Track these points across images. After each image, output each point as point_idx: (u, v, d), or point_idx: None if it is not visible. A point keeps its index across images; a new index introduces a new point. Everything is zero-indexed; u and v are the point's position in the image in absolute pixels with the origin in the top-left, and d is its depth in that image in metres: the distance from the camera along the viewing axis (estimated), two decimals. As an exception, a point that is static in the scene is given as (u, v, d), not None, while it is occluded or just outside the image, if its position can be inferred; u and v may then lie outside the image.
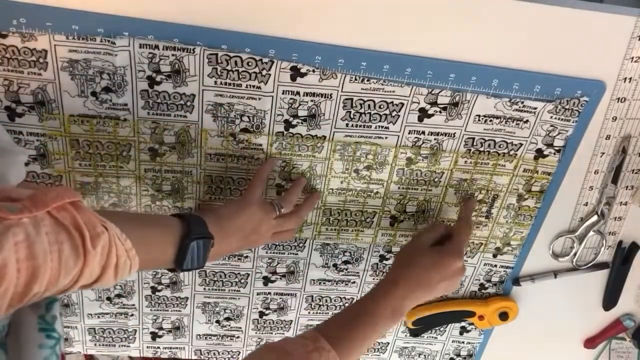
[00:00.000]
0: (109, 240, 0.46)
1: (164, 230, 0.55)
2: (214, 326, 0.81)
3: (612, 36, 0.61)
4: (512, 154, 0.68)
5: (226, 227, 0.61)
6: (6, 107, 0.60)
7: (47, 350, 0.49)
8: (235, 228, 0.62)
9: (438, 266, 0.64)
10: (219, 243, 0.60)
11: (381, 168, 0.69)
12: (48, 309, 0.52)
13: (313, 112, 0.63)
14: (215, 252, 0.60)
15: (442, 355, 0.87)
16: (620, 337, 0.87)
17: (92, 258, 0.44)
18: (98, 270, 0.46)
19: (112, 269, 0.47)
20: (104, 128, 0.62)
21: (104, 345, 0.81)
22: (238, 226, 0.62)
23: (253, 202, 0.63)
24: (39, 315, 0.51)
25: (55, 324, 0.51)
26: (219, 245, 0.60)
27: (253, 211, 0.62)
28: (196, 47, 0.58)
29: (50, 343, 0.49)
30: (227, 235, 0.61)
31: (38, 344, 0.49)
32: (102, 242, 0.45)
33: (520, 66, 0.62)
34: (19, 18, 0.55)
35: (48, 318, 0.51)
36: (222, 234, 0.60)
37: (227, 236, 0.61)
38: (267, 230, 0.64)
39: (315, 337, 0.55)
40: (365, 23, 0.59)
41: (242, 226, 0.62)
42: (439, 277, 0.64)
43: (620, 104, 0.65)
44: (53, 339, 0.50)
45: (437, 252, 0.66)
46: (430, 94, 0.63)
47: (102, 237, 0.45)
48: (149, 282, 0.75)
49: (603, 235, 0.75)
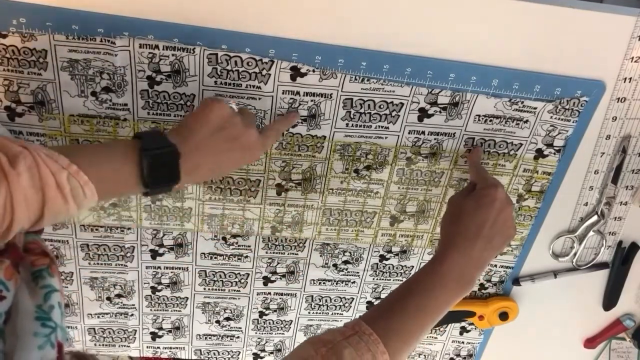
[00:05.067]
0: (33, 158, 0.43)
1: (114, 149, 0.50)
2: (214, 326, 0.81)
3: (612, 36, 0.61)
4: (512, 154, 0.68)
5: (192, 131, 0.53)
6: (6, 107, 0.60)
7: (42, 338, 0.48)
8: (203, 129, 0.53)
9: (482, 204, 0.58)
10: (191, 149, 0.52)
11: (381, 168, 0.69)
12: (46, 299, 0.52)
13: (313, 112, 0.63)
14: (192, 163, 0.53)
15: (442, 355, 0.87)
16: (620, 337, 0.87)
17: (15, 179, 0.42)
18: (35, 193, 0.43)
19: (55, 189, 0.44)
20: (104, 128, 0.62)
21: (104, 345, 0.81)
22: (205, 126, 0.53)
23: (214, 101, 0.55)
24: (36, 304, 0.51)
25: (51, 313, 0.51)
26: (195, 152, 0.53)
27: (215, 110, 0.54)
28: (196, 47, 0.58)
29: (45, 331, 0.49)
30: (196, 138, 0.53)
31: (33, 332, 0.48)
32: (24, 161, 0.42)
33: (520, 66, 0.62)
34: (19, 18, 0.55)
35: (45, 307, 0.51)
36: (191, 141, 0.53)
37: (198, 139, 0.53)
38: (242, 127, 0.55)
39: (355, 323, 0.52)
40: (365, 23, 0.59)
41: (209, 125, 0.54)
42: (491, 214, 0.58)
43: (620, 104, 0.65)
44: (48, 327, 0.50)
45: (473, 194, 0.61)
46: (430, 94, 0.63)
47: (22, 156, 0.42)
48: (149, 282, 0.75)
49: (603, 235, 0.75)
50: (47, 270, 0.54)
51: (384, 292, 0.80)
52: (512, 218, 0.61)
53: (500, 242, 0.60)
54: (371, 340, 0.50)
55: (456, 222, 0.60)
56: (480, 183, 0.62)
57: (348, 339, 0.50)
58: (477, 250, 0.58)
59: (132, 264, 0.73)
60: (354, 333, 0.51)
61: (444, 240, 0.61)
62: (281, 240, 0.74)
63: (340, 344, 0.50)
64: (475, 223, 0.58)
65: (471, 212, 0.59)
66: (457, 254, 0.57)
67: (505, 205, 0.60)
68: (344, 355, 0.49)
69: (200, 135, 0.53)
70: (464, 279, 0.57)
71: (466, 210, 0.60)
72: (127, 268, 0.74)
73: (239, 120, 0.55)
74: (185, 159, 0.52)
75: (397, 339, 0.53)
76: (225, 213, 0.71)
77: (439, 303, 0.56)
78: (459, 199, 0.62)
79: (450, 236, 0.59)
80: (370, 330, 0.51)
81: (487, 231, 0.58)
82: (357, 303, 0.81)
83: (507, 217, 0.60)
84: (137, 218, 0.70)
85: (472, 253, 0.57)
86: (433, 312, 0.55)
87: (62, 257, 0.72)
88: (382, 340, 0.51)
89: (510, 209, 0.60)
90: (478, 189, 0.61)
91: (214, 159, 0.55)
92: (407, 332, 0.54)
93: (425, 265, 0.59)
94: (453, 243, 0.58)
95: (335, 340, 0.50)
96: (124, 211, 0.69)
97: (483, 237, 0.58)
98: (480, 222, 0.58)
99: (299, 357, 0.50)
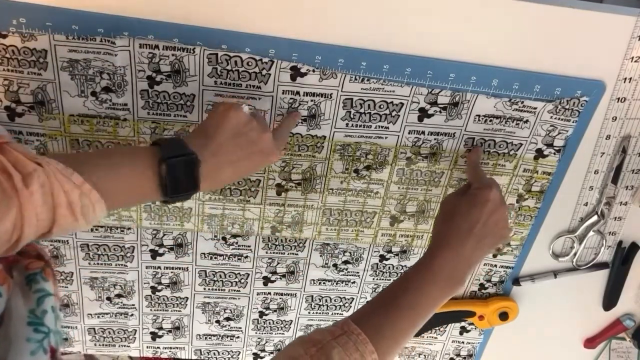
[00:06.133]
0: (47, 176, 0.43)
1: (135, 157, 0.50)
2: (214, 326, 0.81)
3: (612, 36, 0.61)
4: (512, 154, 0.68)
5: (211, 138, 0.53)
6: (6, 107, 0.60)
7: (35, 344, 0.48)
8: (222, 135, 0.53)
9: (475, 204, 0.59)
10: (211, 156, 0.53)
11: (381, 168, 0.69)
12: (39, 303, 0.52)
13: (313, 112, 0.63)
14: (212, 170, 0.53)
15: (442, 355, 0.87)
16: (620, 337, 0.87)
17: (27, 198, 0.42)
18: (47, 212, 0.43)
19: (65, 208, 0.44)
20: (104, 128, 0.62)
21: (104, 345, 0.81)
22: (224, 133, 0.54)
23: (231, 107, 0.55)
24: (29, 309, 0.51)
25: (44, 318, 0.51)
26: (214, 158, 0.53)
27: (232, 116, 0.54)
28: (196, 47, 0.58)
29: (37, 337, 0.49)
30: (216, 145, 0.53)
31: (26, 337, 0.48)
32: (38, 179, 0.42)
33: (520, 66, 0.62)
34: (19, 18, 0.55)
35: (38, 312, 0.51)
36: (211, 148, 0.53)
37: (217, 146, 0.53)
38: (259, 132, 0.56)
39: (344, 322, 0.52)
40: (365, 23, 0.59)
41: (228, 131, 0.54)
42: (483, 213, 0.58)
43: (620, 104, 0.65)
44: (41, 332, 0.49)
45: (468, 193, 0.61)
46: (430, 94, 0.63)
47: (36, 175, 0.42)
48: (149, 282, 0.75)
49: (603, 235, 0.75)
50: (41, 274, 0.54)
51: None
52: (506, 219, 0.61)
53: (492, 242, 0.60)
54: (359, 340, 0.50)
55: (448, 221, 0.60)
56: (476, 183, 0.63)
57: (337, 339, 0.50)
58: (468, 249, 0.58)
59: (132, 264, 0.73)
60: (343, 333, 0.51)
61: (435, 238, 0.61)
62: (281, 240, 0.74)
63: (329, 344, 0.50)
64: (467, 222, 0.59)
65: (464, 212, 0.59)
66: (449, 251, 0.58)
67: (499, 206, 0.60)
68: (332, 356, 0.49)
69: (219, 142, 0.53)
70: (455, 277, 0.57)
71: (459, 209, 0.60)
72: (127, 268, 0.74)
73: (255, 126, 0.56)
74: (205, 166, 0.52)
75: (387, 337, 0.53)
76: (225, 213, 0.71)
77: (429, 300, 0.56)
78: (453, 198, 0.63)
79: (442, 234, 0.59)
80: (359, 330, 0.51)
81: (478, 230, 0.58)
82: (357, 303, 0.81)
83: (500, 218, 0.60)
84: (137, 218, 0.70)
85: (463, 251, 0.58)
86: (423, 310, 0.55)
87: (62, 257, 0.72)
88: (372, 340, 0.51)
89: (503, 210, 0.61)
90: (473, 189, 0.62)
91: (233, 165, 0.55)
92: (397, 330, 0.54)
93: (415, 263, 0.59)
94: (444, 241, 0.58)
95: (324, 340, 0.50)
96: (124, 211, 0.69)
97: (474, 235, 0.58)
98: (472, 222, 0.59)
99: (288, 356, 0.51)
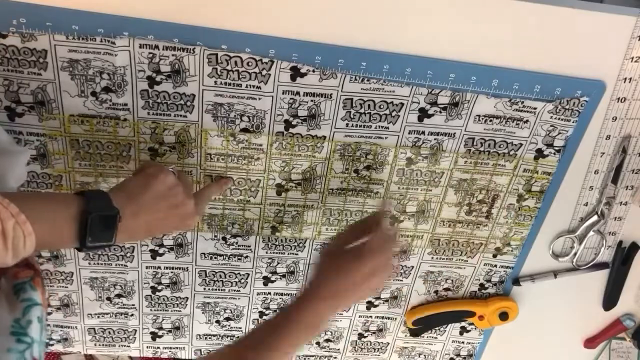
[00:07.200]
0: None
1: (60, 205, 0.50)
2: (214, 326, 0.81)
3: (612, 36, 0.61)
4: (512, 154, 0.68)
5: (135, 197, 0.55)
6: (6, 107, 0.60)
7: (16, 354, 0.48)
8: (146, 197, 0.55)
9: (355, 268, 0.59)
10: (132, 215, 0.54)
11: (381, 168, 0.69)
12: (25, 313, 0.51)
13: (313, 112, 0.63)
14: (130, 226, 0.54)
15: (442, 355, 0.87)
16: (620, 337, 0.87)
17: None
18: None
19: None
20: (104, 128, 0.62)
21: (104, 345, 0.81)
22: (149, 194, 0.56)
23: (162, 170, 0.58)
24: (14, 318, 0.50)
25: (28, 328, 0.50)
26: (134, 217, 0.54)
27: (161, 178, 0.57)
28: (196, 47, 0.58)
29: (19, 347, 0.48)
30: (138, 205, 0.55)
31: (7, 347, 0.48)
32: None
33: (520, 66, 0.62)
34: (19, 18, 0.55)
35: (22, 322, 0.50)
36: (132, 207, 0.54)
37: (139, 207, 0.55)
38: (183, 197, 0.58)
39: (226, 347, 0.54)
40: (365, 23, 0.59)
41: (153, 193, 0.56)
42: (359, 277, 0.59)
43: (620, 104, 0.65)
44: (24, 343, 0.49)
45: (354, 253, 0.61)
46: (430, 94, 0.63)
47: None
48: (149, 282, 0.75)
49: (603, 235, 0.75)
50: (30, 283, 0.54)
51: (384, 292, 0.80)
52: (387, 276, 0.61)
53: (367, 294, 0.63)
54: None
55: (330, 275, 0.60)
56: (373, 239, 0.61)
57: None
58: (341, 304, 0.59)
59: (132, 264, 0.73)
60: None
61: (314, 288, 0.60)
62: (281, 240, 0.74)
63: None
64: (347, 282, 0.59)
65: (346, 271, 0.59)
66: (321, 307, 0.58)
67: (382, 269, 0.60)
68: None
69: (142, 202, 0.55)
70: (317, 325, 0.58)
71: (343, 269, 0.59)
72: (127, 268, 0.74)
73: (180, 190, 0.58)
74: (124, 223, 0.53)
75: None
76: (225, 213, 0.71)
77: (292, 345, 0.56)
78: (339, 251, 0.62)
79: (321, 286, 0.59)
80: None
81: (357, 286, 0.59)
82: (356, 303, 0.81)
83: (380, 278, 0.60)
84: (137, 218, 0.70)
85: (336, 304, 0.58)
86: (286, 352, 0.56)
87: (62, 257, 0.72)
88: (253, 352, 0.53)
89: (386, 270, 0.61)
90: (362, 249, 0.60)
91: (149, 225, 0.56)
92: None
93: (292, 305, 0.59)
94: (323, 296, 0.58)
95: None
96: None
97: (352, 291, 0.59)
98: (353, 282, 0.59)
99: None
